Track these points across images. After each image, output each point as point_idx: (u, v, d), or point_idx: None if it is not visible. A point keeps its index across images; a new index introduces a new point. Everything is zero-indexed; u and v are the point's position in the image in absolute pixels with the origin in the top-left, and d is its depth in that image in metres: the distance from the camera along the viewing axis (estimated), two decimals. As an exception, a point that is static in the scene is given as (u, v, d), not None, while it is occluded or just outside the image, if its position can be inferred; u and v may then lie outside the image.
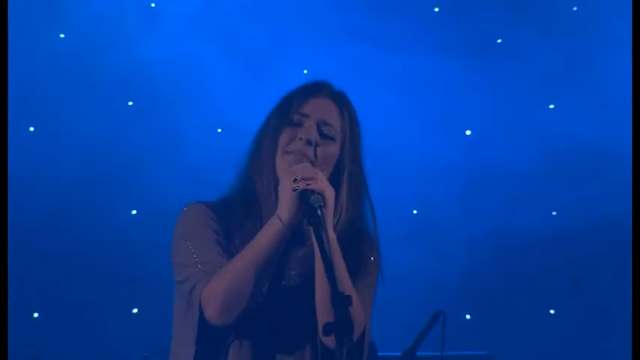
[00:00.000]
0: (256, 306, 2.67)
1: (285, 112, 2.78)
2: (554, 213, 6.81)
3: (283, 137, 2.75)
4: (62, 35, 6.69)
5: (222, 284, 2.61)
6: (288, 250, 2.73)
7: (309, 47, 6.75)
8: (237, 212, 2.78)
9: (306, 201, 2.56)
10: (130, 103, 6.74)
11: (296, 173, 2.60)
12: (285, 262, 2.74)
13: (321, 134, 2.76)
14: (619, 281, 6.25)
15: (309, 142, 2.73)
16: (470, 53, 6.85)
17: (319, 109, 2.78)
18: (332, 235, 2.61)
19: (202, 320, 2.66)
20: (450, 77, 6.86)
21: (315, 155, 2.74)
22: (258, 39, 6.73)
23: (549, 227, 6.77)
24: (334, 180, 2.74)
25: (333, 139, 2.77)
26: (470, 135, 6.88)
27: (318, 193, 2.56)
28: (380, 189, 2.93)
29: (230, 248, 2.73)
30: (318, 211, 2.53)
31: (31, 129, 6.63)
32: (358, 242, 2.81)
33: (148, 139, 6.65)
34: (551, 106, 6.87)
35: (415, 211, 6.80)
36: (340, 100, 2.83)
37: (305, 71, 6.68)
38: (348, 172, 2.79)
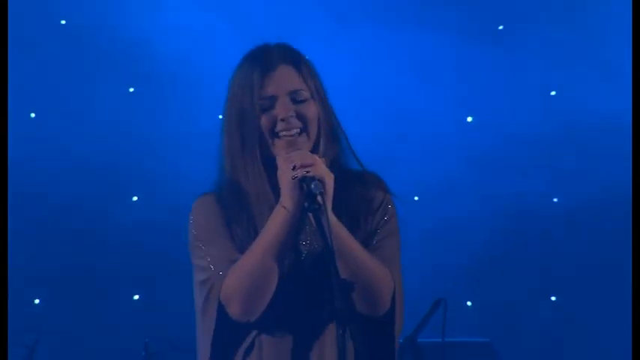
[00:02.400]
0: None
1: (251, 96, 2.72)
2: (555, 199, 6.80)
3: (264, 123, 2.71)
4: (63, 22, 6.68)
5: (238, 279, 2.60)
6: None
7: (317, 27, 6.73)
8: (231, 207, 2.75)
9: (307, 187, 2.55)
10: (132, 90, 6.73)
11: (294, 160, 2.58)
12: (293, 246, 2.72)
13: (296, 101, 2.72)
14: (620, 269, 6.25)
15: (291, 117, 2.70)
16: (472, 37, 6.82)
17: (282, 82, 2.73)
18: (334, 219, 2.58)
19: (220, 322, 2.64)
20: (451, 61, 6.84)
21: (302, 124, 2.71)
22: (266, 23, 6.71)
23: (550, 214, 6.77)
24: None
25: (307, 99, 2.74)
26: (471, 121, 6.87)
27: (319, 180, 2.55)
28: (380, 175, 2.92)
29: (235, 242, 2.71)
30: (319, 198, 2.51)
31: (32, 115, 6.62)
32: (360, 187, 2.78)
33: (150, 125, 6.65)
34: (553, 93, 6.86)
35: (416, 198, 6.80)
36: (295, 59, 2.78)
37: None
38: (324, 120, 2.76)
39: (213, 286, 2.64)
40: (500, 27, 6.89)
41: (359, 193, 2.77)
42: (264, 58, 2.76)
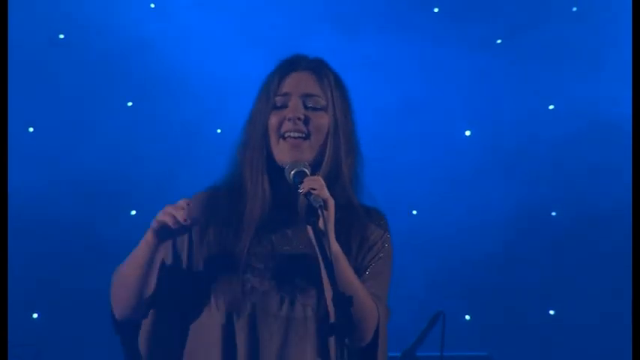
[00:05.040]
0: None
1: (267, 95, 2.77)
2: (553, 214, 6.80)
3: (272, 122, 2.75)
4: (62, 36, 6.69)
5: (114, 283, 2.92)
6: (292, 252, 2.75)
7: (320, 36, 6.74)
8: (219, 199, 2.79)
9: (307, 200, 2.57)
10: (130, 104, 6.74)
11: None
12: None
13: (308, 107, 2.75)
14: (619, 282, 6.25)
15: (298, 119, 2.73)
16: (472, 48, 6.83)
17: (299, 84, 2.77)
18: (335, 248, 2.60)
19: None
20: (450, 71, 6.85)
21: (308, 130, 2.73)
22: (275, 29, 6.72)
23: (550, 227, 6.77)
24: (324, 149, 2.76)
25: (321, 109, 2.76)
26: (470, 135, 6.87)
27: (319, 197, 2.57)
28: (378, 189, 2.93)
29: (202, 242, 2.76)
30: (319, 211, 2.53)
31: (31, 130, 6.63)
32: (364, 222, 2.80)
33: (148, 139, 6.65)
34: (551, 107, 6.87)
35: (415, 212, 6.80)
36: (319, 68, 2.82)
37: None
38: (335, 136, 2.78)
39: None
40: (499, 41, 6.90)
41: (358, 226, 2.78)
42: (292, 62, 2.81)
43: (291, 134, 2.72)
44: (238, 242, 2.72)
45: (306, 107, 2.75)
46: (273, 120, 2.74)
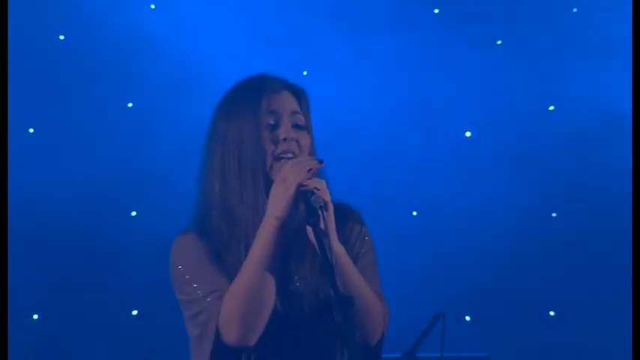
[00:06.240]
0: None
1: (255, 116, 2.77)
2: (554, 214, 6.80)
3: (268, 144, 2.75)
4: (62, 37, 6.69)
5: (234, 304, 2.59)
6: (290, 256, 2.74)
7: (319, 37, 6.73)
8: (220, 232, 2.76)
9: (306, 202, 2.58)
10: (130, 105, 6.74)
11: (304, 166, 2.64)
12: (289, 267, 2.74)
13: (294, 126, 2.78)
14: (619, 282, 6.25)
15: (291, 139, 2.75)
16: (470, 51, 6.84)
17: (285, 105, 2.79)
18: (338, 249, 2.63)
19: (216, 352, 2.62)
20: (448, 72, 6.85)
21: (298, 150, 2.77)
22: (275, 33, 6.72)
23: (549, 228, 6.76)
24: None
25: (304, 128, 2.80)
26: (470, 136, 6.87)
27: (321, 198, 2.58)
28: (379, 189, 2.94)
29: (227, 268, 2.71)
30: (319, 212, 2.54)
31: (31, 131, 6.63)
32: (341, 221, 2.80)
33: (149, 140, 6.65)
34: (551, 108, 6.87)
35: (415, 213, 6.80)
36: (293, 88, 2.85)
37: (304, 72, 6.66)
38: (315, 154, 2.83)
39: (209, 317, 2.63)
40: (499, 42, 6.90)
41: (337, 228, 2.77)
42: (268, 84, 2.82)
43: (286, 156, 2.74)
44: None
45: (292, 126, 2.78)
46: (268, 142, 2.75)
